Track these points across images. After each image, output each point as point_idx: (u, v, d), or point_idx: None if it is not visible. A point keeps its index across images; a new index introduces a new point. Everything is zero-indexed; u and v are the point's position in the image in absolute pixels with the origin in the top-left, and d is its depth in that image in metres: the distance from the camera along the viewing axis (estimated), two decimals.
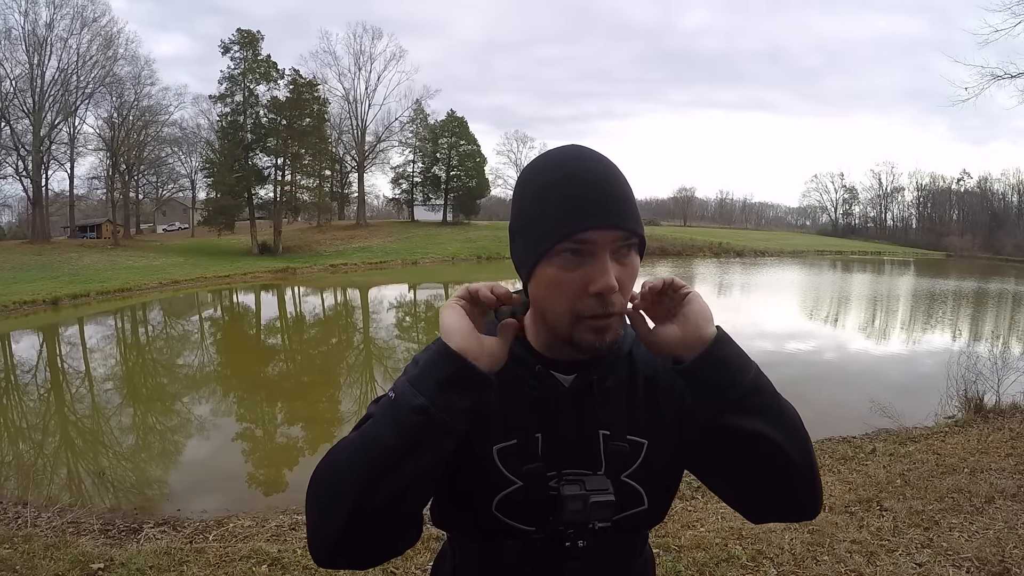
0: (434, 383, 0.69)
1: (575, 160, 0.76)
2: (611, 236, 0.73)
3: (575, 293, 0.74)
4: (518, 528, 0.81)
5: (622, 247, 0.74)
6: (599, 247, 0.72)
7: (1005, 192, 72.31)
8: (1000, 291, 25.14)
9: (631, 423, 0.83)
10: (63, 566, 3.00)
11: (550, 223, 0.73)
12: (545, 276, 0.75)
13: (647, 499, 0.84)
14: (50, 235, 35.09)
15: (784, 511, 0.83)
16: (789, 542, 3.15)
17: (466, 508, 0.83)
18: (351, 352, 13.23)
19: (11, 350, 12.92)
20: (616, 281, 0.73)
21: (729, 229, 72.82)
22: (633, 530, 0.86)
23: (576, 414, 0.82)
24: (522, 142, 63.28)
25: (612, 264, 0.73)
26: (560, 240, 0.72)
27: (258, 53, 37.70)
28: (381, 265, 33.95)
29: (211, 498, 4.92)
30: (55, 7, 31.67)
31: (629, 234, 0.74)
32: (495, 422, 0.81)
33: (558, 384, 0.82)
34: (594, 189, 0.73)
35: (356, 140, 47.32)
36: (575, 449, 0.81)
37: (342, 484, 0.70)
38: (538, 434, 0.81)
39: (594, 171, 0.75)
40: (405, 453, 0.69)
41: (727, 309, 17.00)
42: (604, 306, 0.73)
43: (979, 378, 6.38)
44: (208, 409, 8.17)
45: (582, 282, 0.73)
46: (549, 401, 0.82)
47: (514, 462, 0.80)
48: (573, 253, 0.73)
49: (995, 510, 3.50)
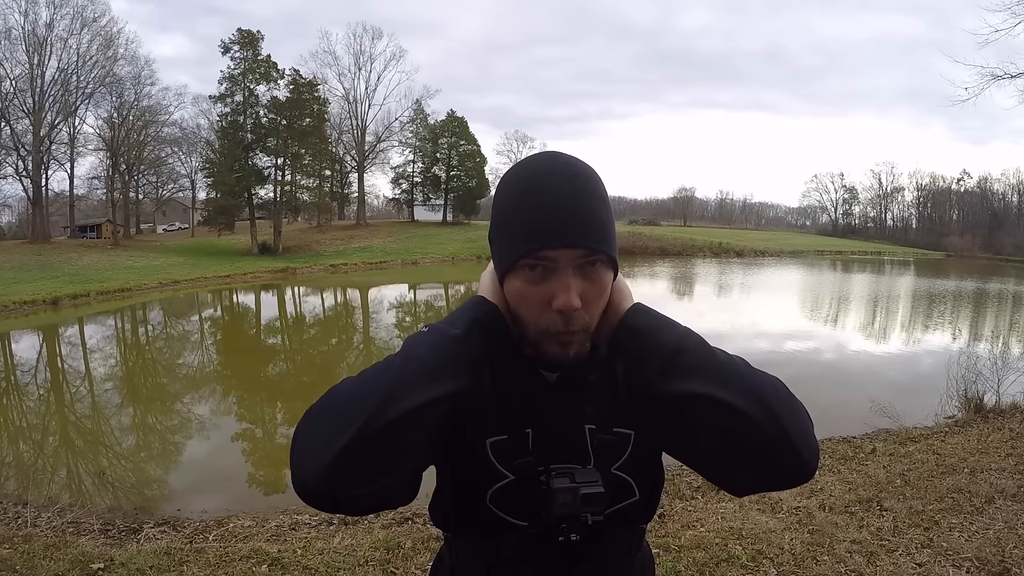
0: (467, 321, 0.75)
1: (545, 175, 0.76)
2: (573, 254, 0.74)
3: (539, 307, 0.76)
4: (512, 523, 0.83)
5: (586, 263, 0.75)
6: (560, 264, 0.74)
7: (1005, 192, 72.44)
8: (1000, 291, 25.14)
9: (617, 415, 0.84)
10: (63, 566, 3.00)
11: (515, 237, 0.75)
12: (512, 288, 0.77)
13: (638, 489, 0.85)
14: (50, 235, 35.09)
15: (761, 478, 0.74)
16: (789, 542, 3.15)
17: (463, 501, 0.85)
18: (351, 352, 13.23)
19: (11, 350, 12.92)
20: (579, 298, 0.74)
21: (729, 229, 72.85)
22: (626, 524, 0.87)
23: (563, 409, 0.83)
24: (522, 142, 63.30)
25: (576, 280, 0.74)
26: (523, 256, 0.74)
27: (258, 53, 37.72)
28: (381, 265, 33.96)
29: (211, 498, 4.93)
30: (55, 7, 31.74)
31: (590, 251, 0.74)
32: (489, 416, 0.82)
33: (544, 382, 0.84)
34: (559, 207, 0.74)
35: (356, 140, 47.35)
36: (564, 444, 0.83)
37: (355, 401, 0.67)
38: (528, 429, 0.83)
39: (561, 188, 0.75)
40: (431, 375, 0.70)
41: (727, 309, 17.02)
42: (567, 322, 0.75)
43: (979, 378, 6.38)
44: (208, 409, 8.17)
45: (545, 297, 0.75)
46: (537, 397, 0.83)
47: (506, 456, 0.82)
48: (535, 268, 0.75)
49: (995, 510, 3.50)
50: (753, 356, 0.79)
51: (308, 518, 3.96)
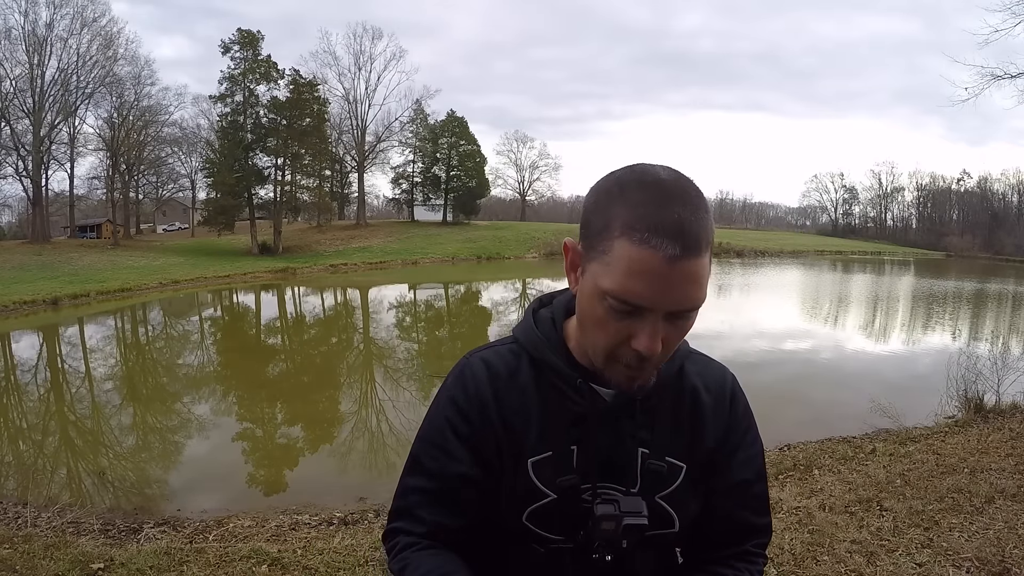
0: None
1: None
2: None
3: (617, 340, 0.71)
4: (545, 536, 0.81)
5: (678, 313, 0.70)
6: (652, 311, 0.69)
7: (1005, 192, 72.27)
8: (1000, 291, 25.13)
9: (672, 444, 0.82)
10: (63, 566, 2.99)
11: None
12: (592, 308, 0.71)
13: (678, 523, 0.83)
14: (50, 235, 35.09)
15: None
16: (789, 542, 3.15)
17: (496, 518, 0.83)
18: (351, 352, 13.23)
19: (11, 350, 12.92)
20: (662, 342, 0.70)
21: (729, 229, 72.74)
22: (660, 548, 0.85)
23: (615, 430, 0.81)
24: (522, 142, 63.43)
25: (663, 324, 0.69)
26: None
27: (258, 53, 37.69)
28: (381, 265, 33.95)
29: (211, 498, 4.93)
30: (55, 7, 31.72)
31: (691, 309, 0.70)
32: (531, 433, 0.80)
33: (598, 398, 0.81)
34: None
35: (356, 140, 47.31)
36: (611, 465, 0.81)
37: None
38: (573, 447, 0.80)
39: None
40: None
41: (727, 309, 17.00)
42: (641, 361, 0.71)
43: (979, 378, 6.37)
44: (208, 409, 8.17)
45: (626, 332, 0.70)
46: (589, 415, 0.80)
47: (548, 474, 0.80)
48: (623, 307, 0.69)
49: (995, 510, 3.50)
50: (753, 356, 0.79)
51: (308, 518, 3.96)
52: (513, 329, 0.88)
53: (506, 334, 0.92)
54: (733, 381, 0.90)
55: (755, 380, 8.15)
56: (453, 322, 17.48)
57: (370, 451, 6.38)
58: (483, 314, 18.96)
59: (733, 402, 0.88)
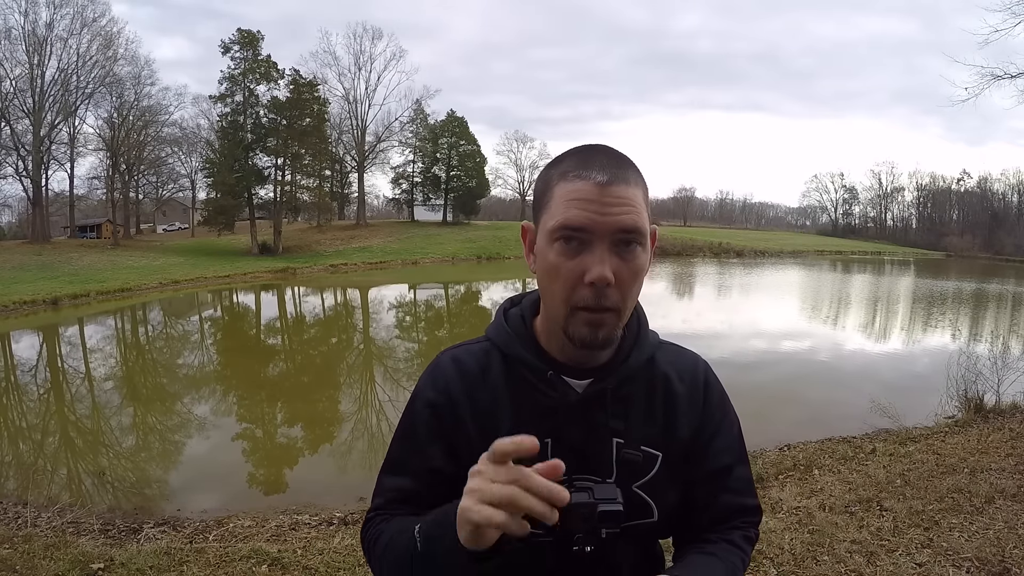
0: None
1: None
2: (609, 227, 0.73)
3: (572, 281, 0.74)
4: None
5: (621, 242, 0.74)
6: (597, 236, 0.73)
7: (1005, 192, 72.32)
8: (1000, 291, 25.12)
9: (646, 433, 0.83)
10: (63, 566, 2.99)
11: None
12: (545, 260, 0.76)
13: (656, 512, 0.83)
14: (50, 235, 35.09)
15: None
16: (789, 542, 3.15)
17: None
18: (351, 352, 13.23)
19: (11, 350, 12.91)
20: (614, 276, 0.73)
21: (729, 229, 72.81)
22: (641, 538, 0.86)
23: (587, 421, 0.81)
24: (522, 142, 63.28)
25: (611, 257, 0.73)
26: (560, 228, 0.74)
27: (258, 53, 37.69)
28: (381, 265, 33.95)
29: (211, 498, 4.93)
30: (55, 7, 31.72)
31: (628, 231, 0.74)
32: (503, 428, 0.81)
33: (570, 390, 0.82)
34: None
35: (356, 140, 47.32)
36: (585, 456, 0.81)
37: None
38: (547, 440, 0.80)
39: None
40: None
41: (727, 309, 17.01)
42: (598, 298, 0.73)
43: (979, 378, 6.37)
44: (208, 409, 8.16)
45: (579, 270, 0.74)
46: (560, 408, 0.81)
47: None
48: (570, 241, 0.74)
49: (995, 510, 3.50)
50: (752, 356, 0.79)
51: (308, 518, 3.96)
52: (486, 329, 0.90)
53: None
54: (706, 368, 0.91)
55: (755, 380, 8.16)
56: (453, 322, 17.48)
57: (370, 451, 6.38)
58: (483, 314, 18.94)
59: (707, 389, 0.89)
